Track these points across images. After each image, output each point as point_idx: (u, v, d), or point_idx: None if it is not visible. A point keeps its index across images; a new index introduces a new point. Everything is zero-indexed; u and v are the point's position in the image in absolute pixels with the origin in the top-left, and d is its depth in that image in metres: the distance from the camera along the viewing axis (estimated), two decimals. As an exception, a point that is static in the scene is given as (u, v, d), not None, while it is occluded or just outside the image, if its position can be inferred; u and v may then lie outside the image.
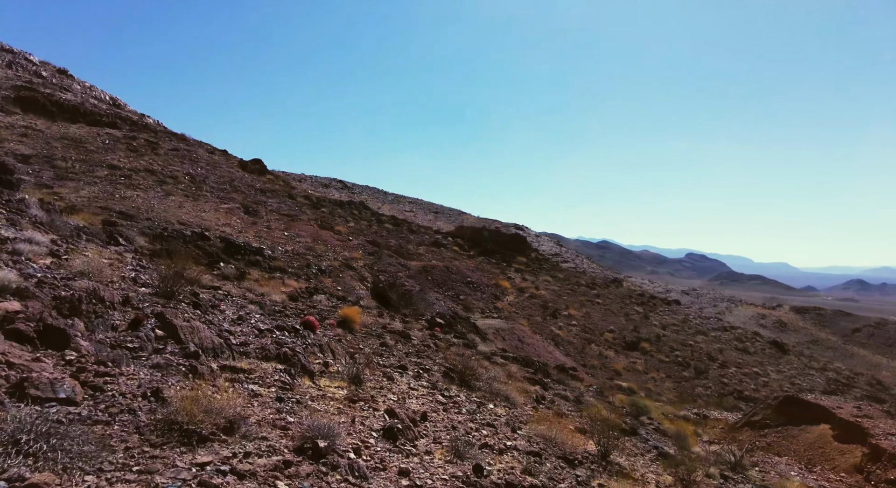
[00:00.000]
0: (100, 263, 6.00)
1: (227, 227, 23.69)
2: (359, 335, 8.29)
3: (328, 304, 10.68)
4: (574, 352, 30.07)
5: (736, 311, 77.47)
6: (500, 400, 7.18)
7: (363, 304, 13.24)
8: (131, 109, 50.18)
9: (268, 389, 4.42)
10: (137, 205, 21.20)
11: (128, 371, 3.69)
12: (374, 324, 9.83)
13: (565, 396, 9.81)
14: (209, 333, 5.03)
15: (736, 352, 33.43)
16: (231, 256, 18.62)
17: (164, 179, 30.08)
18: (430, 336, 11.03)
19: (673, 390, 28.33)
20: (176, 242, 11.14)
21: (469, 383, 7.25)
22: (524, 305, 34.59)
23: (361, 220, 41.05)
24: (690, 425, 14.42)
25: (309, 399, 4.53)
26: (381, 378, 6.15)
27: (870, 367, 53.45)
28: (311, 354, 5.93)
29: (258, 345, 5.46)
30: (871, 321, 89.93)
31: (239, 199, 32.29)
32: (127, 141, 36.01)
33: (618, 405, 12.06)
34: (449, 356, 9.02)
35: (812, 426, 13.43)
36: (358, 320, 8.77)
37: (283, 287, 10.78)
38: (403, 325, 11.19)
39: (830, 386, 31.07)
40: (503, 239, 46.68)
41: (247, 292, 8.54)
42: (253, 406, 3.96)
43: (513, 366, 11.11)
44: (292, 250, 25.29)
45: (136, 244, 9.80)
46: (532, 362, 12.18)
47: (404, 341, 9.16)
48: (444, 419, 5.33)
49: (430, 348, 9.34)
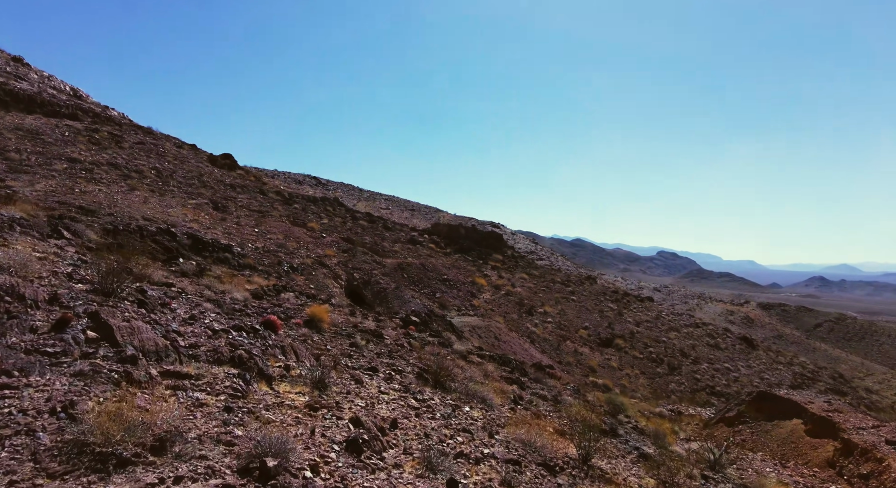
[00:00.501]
0: (27, 257, 5.32)
1: (194, 223, 22.81)
2: (327, 335, 7.75)
3: (296, 303, 10.10)
4: (550, 350, 30.06)
5: (706, 308, 79.54)
6: (476, 401, 6.78)
7: (334, 302, 12.66)
8: (94, 101, 47.92)
9: (216, 397, 3.89)
10: (99, 200, 20.14)
11: (38, 381, 3.12)
12: (344, 324, 9.31)
13: (543, 396, 9.50)
14: (153, 334, 4.46)
15: (708, 348, 34.04)
16: (198, 253, 17.93)
17: (129, 174, 28.79)
18: (405, 335, 10.56)
19: (647, 386, 28.61)
20: (133, 237, 10.36)
21: (444, 384, 6.83)
22: (500, 303, 34.43)
23: (335, 217, 40.17)
24: (667, 422, 14.39)
25: (263, 408, 4.02)
26: (348, 381, 5.66)
27: (830, 361, 55.58)
28: (270, 357, 5.39)
29: (210, 348, 4.90)
30: (831, 316, 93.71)
31: (208, 195, 31.19)
32: (88, 133, 34.31)
33: (595, 403, 11.85)
34: (423, 356, 8.59)
35: (785, 421, 13.53)
36: (326, 319, 8.24)
37: (248, 284, 10.15)
38: (376, 324, 10.69)
39: (797, 381, 31.94)
40: (479, 236, 46.47)
41: (205, 290, 7.89)
42: (195, 418, 3.43)
43: (489, 364, 10.75)
44: (263, 247, 24.50)
45: (84, 238, 9.01)
46: (509, 360, 11.85)
47: (376, 341, 8.67)
48: (416, 425, 4.89)
49: (404, 348, 8.88)
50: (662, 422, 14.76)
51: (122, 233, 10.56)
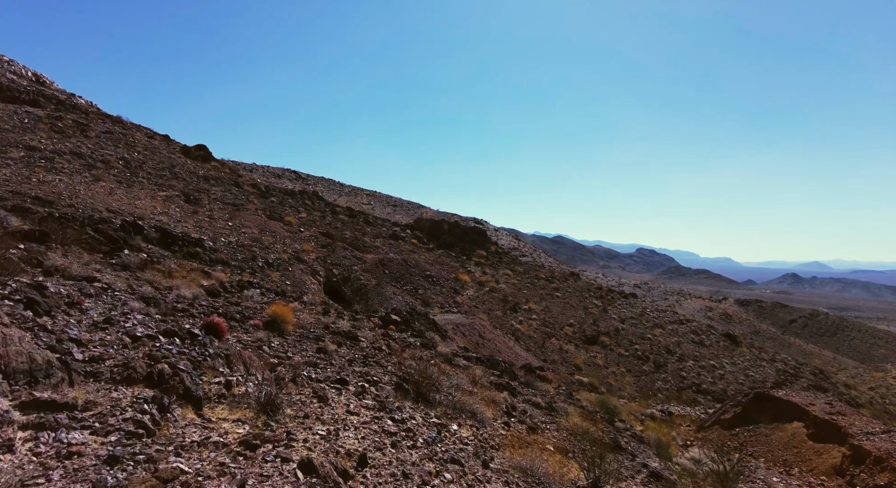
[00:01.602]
0: None
1: (163, 216, 21.38)
2: (290, 339, 6.60)
3: (260, 301, 8.88)
4: (535, 347, 29.27)
5: (685, 304, 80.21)
6: (465, 417, 5.73)
7: (307, 300, 11.45)
8: (58, 88, 45.35)
9: (102, 439, 2.74)
10: (58, 191, 18.55)
11: None
12: (314, 325, 8.14)
13: (536, 403, 8.51)
14: (30, 346, 3.27)
15: (693, 344, 33.70)
16: (167, 247, 16.75)
17: (94, 163, 27.02)
18: (383, 336, 9.45)
19: (633, 385, 28.03)
20: (71, 224, 8.98)
21: (427, 397, 5.75)
22: (484, 299, 33.50)
23: (314, 211, 38.65)
24: (663, 426, 13.59)
25: (174, 450, 2.88)
26: (309, 399, 4.54)
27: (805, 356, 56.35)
28: (208, 370, 4.23)
29: (120, 361, 3.73)
30: (805, 312, 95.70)
31: (179, 187, 29.54)
32: (51, 121, 32.21)
33: (588, 407, 10.91)
34: (404, 360, 7.49)
35: (785, 424, 12.83)
36: (291, 320, 7.07)
37: (206, 280, 8.89)
38: (352, 324, 9.54)
39: (780, 377, 31.81)
40: (463, 232, 45.43)
41: (144, 285, 6.64)
42: (49, 480, 2.27)
43: (477, 368, 9.71)
44: (237, 242, 23.12)
45: (5, 224, 7.64)
46: (497, 363, 10.83)
47: (350, 344, 7.53)
48: (391, 460, 3.78)
49: (382, 352, 7.76)
50: (658, 427, 13.98)
51: (57, 220, 9.17)
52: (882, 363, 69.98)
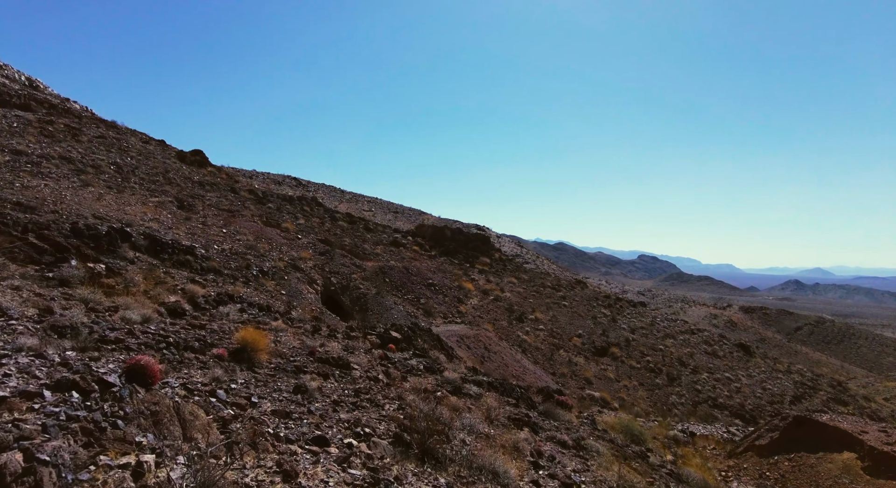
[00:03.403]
0: None
1: (153, 223, 20.39)
2: (262, 373, 5.29)
3: (238, 319, 7.61)
4: (542, 360, 27.93)
5: (690, 312, 78.77)
6: (485, 479, 4.45)
7: (295, 316, 10.16)
8: (52, 92, 44.45)
9: None
10: (43, 196, 17.58)
11: None
12: (296, 350, 6.81)
13: (562, 441, 7.22)
14: None
15: (706, 355, 32.30)
16: (156, 255, 15.10)
17: (84, 168, 26.09)
18: (381, 359, 8.17)
19: (647, 399, 26.65)
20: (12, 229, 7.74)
21: (435, 453, 4.48)
22: (489, 309, 32.19)
23: (313, 217, 37.46)
24: (694, 456, 12.24)
25: None
26: (270, 475, 3.23)
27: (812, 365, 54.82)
28: (111, 445, 2.89)
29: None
30: (810, 320, 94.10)
31: (173, 192, 28.49)
32: (41, 125, 31.25)
33: (618, 440, 9.58)
34: (405, 394, 6.20)
35: (833, 454, 11.47)
36: (265, 346, 5.75)
37: (173, 294, 7.62)
38: (345, 345, 8.25)
39: (799, 390, 30.37)
40: (466, 238, 44.18)
41: (72, 307, 5.35)
42: None
43: (490, 396, 8.42)
44: (230, 249, 22.03)
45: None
46: (512, 388, 9.53)
47: (340, 374, 6.22)
48: None
49: (379, 382, 6.47)
50: (691, 456, 12.64)
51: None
52: (891, 372, 68.38)
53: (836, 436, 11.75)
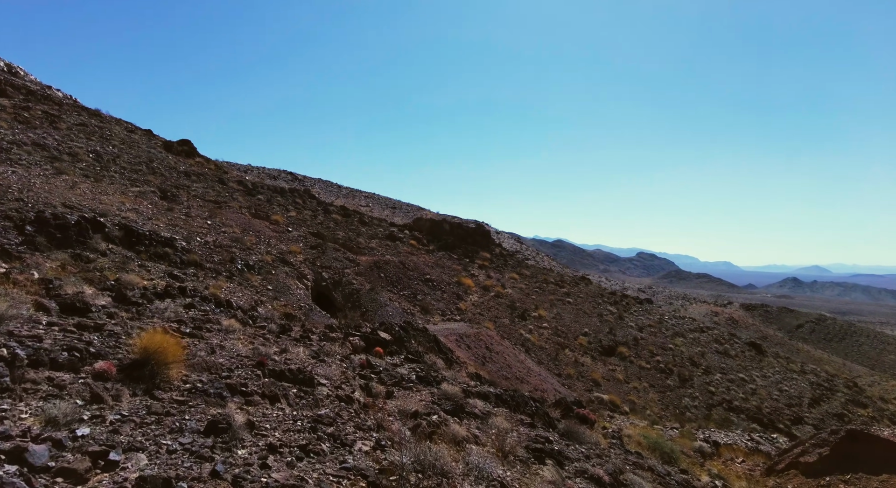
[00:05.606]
0: None
1: (131, 213, 18.89)
2: (166, 398, 3.42)
3: (175, 317, 5.88)
4: (547, 360, 26.32)
5: (690, 309, 77.29)
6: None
7: (261, 312, 8.43)
8: (33, 79, 42.43)
9: None
10: (8, 183, 16.00)
11: None
12: (239, 360, 4.95)
13: (597, 478, 5.54)
14: None
15: (717, 355, 30.73)
16: (131, 247, 14.20)
17: (59, 156, 24.39)
18: (362, 368, 6.50)
19: (658, 402, 25.08)
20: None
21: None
22: (490, 306, 30.53)
23: (305, 210, 35.66)
24: (738, 478, 10.61)
25: None
26: None
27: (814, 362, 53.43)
28: None
29: None
30: (811, 317, 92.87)
31: (156, 182, 26.81)
32: (16, 111, 29.36)
33: (657, 468, 7.92)
34: (386, 422, 4.46)
35: (896, 474, 9.84)
36: (177, 357, 3.87)
37: (92, 286, 5.87)
38: (316, 350, 6.54)
39: (816, 392, 28.83)
40: (465, 233, 42.48)
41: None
42: None
43: (499, 414, 6.76)
44: (214, 241, 20.44)
45: None
46: (525, 402, 7.87)
47: (298, 395, 4.37)
48: None
49: (353, 404, 4.73)
50: (722, 470, 11.02)
51: None
52: (894, 370, 67.22)
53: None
